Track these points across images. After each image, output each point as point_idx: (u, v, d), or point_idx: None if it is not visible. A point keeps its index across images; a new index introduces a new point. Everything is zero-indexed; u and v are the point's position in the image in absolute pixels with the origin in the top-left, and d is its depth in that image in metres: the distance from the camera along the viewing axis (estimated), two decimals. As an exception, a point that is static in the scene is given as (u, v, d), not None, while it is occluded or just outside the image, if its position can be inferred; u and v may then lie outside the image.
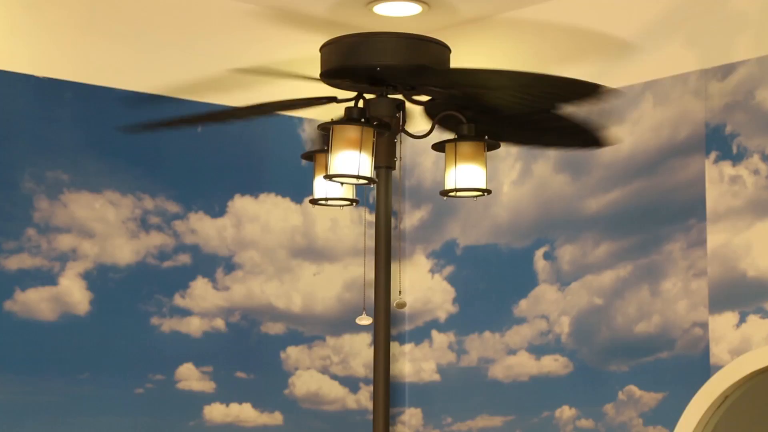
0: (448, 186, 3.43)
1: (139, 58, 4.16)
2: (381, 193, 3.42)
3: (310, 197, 3.58)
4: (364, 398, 4.59)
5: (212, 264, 4.31)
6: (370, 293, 3.90)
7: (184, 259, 4.26)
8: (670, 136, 3.95)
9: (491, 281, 4.48)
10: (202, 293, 4.28)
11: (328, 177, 3.26)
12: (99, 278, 4.07)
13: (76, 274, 4.02)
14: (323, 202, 3.57)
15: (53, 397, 3.94)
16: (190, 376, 4.23)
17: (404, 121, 3.43)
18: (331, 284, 4.57)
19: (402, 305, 4.49)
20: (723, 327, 3.76)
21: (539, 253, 4.33)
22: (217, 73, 4.23)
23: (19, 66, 3.92)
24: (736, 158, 3.77)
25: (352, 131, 3.21)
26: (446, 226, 4.62)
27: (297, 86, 3.64)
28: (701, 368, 3.80)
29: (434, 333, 4.61)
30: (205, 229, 4.31)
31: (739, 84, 3.78)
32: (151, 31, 4.19)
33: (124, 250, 4.12)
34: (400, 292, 4.51)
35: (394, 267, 4.43)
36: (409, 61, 3.32)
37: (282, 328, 4.45)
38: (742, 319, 3.72)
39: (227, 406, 4.29)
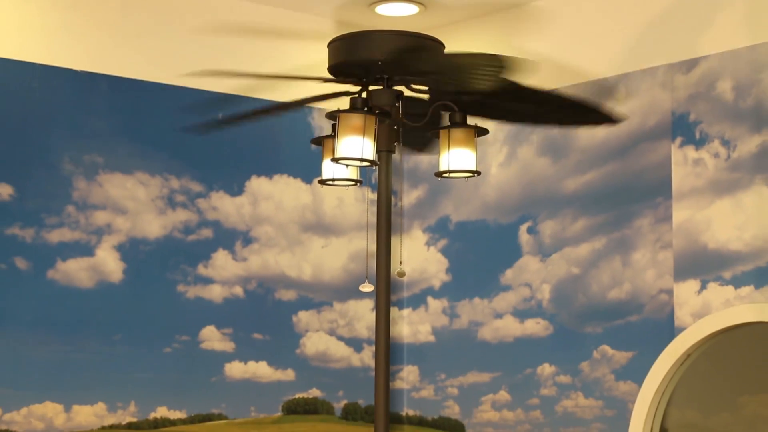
0: (442, 168, 3.46)
1: (164, 54, 4.15)
2: (382, 174, 3.45)
3: (319, 178, 3.61)
4: (367, 357, 4.61)
5: (231, 238, 4.32)
6: (372, 264, 3.94)
7: (207, 233, 4.26)
8: (641, 123, 3.94)
9: (480, 253, 4.48)
10: (222, 264, 4.28)
11: (335, 160, 3.28)
12: (131, 250, 4.07)
13: (110, 246, 4.02)
14: (330, 182, 3.60)
15: (90, 355, 3.95)
16: (212, 337, 4.24)
17: (403, 110, 3.43)
18: (338, 256, 4.57)
19: (401, 274, 4.53)
20: (686, 293, 3.77)
21: (523, 228, 4.33)
22: (236, 67, 4.19)
23: (60, 61, 3.90)
24: (699, 143, 3.76)
25: (357, 119, 3.24)
26: (440, 203, 4.63)
27: (307, 74, 3.64)
28: (666, 330, 3.81)
29: (429, 299, 4.63)
30: (225, 207, 4.31)
31: (701, 77, 3.76)
32: (174, 30, 4.18)
33: (153, 225, 4.13)
34: (399, 262, 4.58)
35: (394, 240, 4.48)
36: (407, 55, 3.32)
37: (294, 294, 4.46)
38: (703, 286, 3.72)
39: (245, 363, 4.31)
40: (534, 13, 4.26)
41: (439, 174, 3.48)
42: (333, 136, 3.33)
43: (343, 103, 3.44)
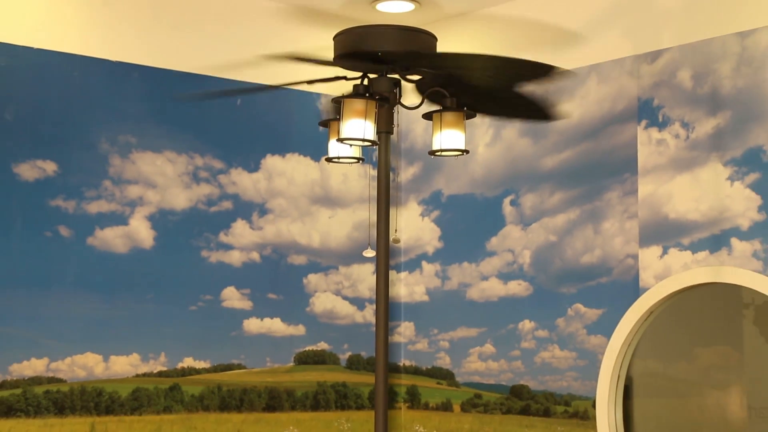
0: (435, 147, 3.47)
1: (188, 45, 4.13)
2: (382, 152, 3.44)
3: (326, 156, 3.61)
4: (368, 314, 4.61)
5: (249, 209, 4.31)
6: (373, 232, 3.97)
7: (227, 205, 4.25)
8: (610, 108, 3.93)
9: (469, 223, 4.47)
10: (241, 232, 4.28)
11: (340, 140, 3.30)
12: (160, 220, 4.07)
13: (142, 216, 4.03)
14: (336, 160, 3.60)
15: (125, 312, 3.96)
16: (232, 297, 4.24)
17: (400, 96, 3.44)
18: (343, 225, 4.56)
19: (398, 241, 4.60)
20: (649, 258, 3.78)
21: (507, 201, 4.32)
22: (251, 57, 4.16)
23: (97, 52, 3.89)
24: (662, 125, 3.76)
25: (359, 103, 3.25)
26: (433, 179, 4.62)
27: (315, 67, 3.64)
28: (632, 290, 3.82)
29: (424, 263, 4.62)
30: (243, 182, 4.30)
31: (664, 67, 3.76)
32: (198, 23, 4.16)
33: (180, 198, 4.13)
34: (396, 231, 4.63)
35: (393, 211, 4.50)
36: (404, 47, 3.31)
37: (304, 259, 4.45)
38: (665, 252, 3.74)
39: (261, 320, 4.31)
40: (516, 9, 4.24)
41: (432, 152, 3.48)
42: (338, 119, 3.33)
43: (347, 87, 3.41)
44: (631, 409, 4.01)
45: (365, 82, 3.38)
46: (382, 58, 3.33)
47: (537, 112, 3.71)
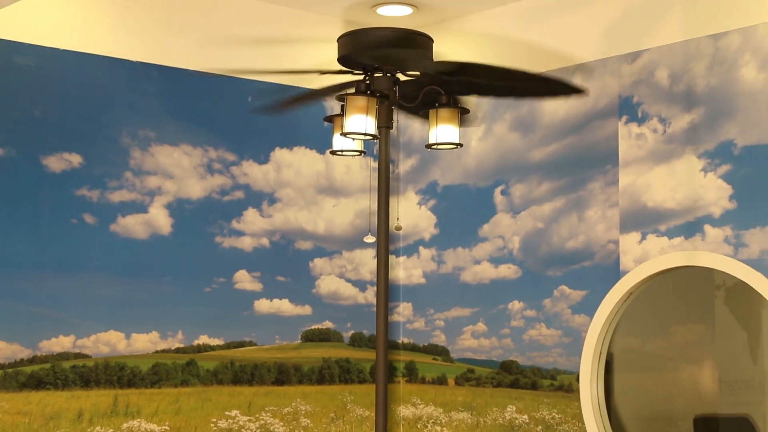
0: (431, 141, 3.48)
1: (202, 46, 4.10)
2: (382, 146, 3.45)
3: (330, 149, 3.62)
4: (369, 296, 4.60)
5: (259, 198, 4.30)
6: (374, 220, 3.96)
7: (239, 194, 4.24)
8: (593, 104, 3.92)
9: (462, 211, 4.46)
10: (252, 219, 4.27)
11: (344, 134, 3.30)
12: (177, 208, 4.06)
13: (161, 205, 4.02)
14: (340, 152, 3.62)
15: (145, 293, 3.97)
16: (244, 279, 4.23)
17: (399, 93, 3.43)
18: (346, 213, 4.54)
19: (398, 228, 4.61)
20: (629, 243, 3.77)
21: (497, 191, 4.31)
22: (261, 59, 4.21)
23: (119, 53, 3.89)
24: (641, 121, 3.76)
25: (361, 100, 3.25)
26: (430, 170, 4.61)
27: (320, 65, 3.66)
28: (613, 273, 3.81)
29: (421, 248, 4.61)
30: (254, 173, 4.29)
31: (643, 66, 3.76)
32: (211, 26, 4.15)
33: (195, 188, 4.12)
34: (398, 219, 4.66)
35: (392, 200, 4.49)
36: (402, 47, 3.31)
37: (310, 245, 4.44)
38: (643, 237, 3.73)
39: (271, 300, 4.30)
40: (507, 14, 4.23)
41: (429, 146, 3.49)
42: (342, 114, 3.33)
43: (350, 86, 3.43)
44: (612, 382, 4.00)
45: (366, 80, 3.36)
46: (382, 58, 3.31)
47: (549, 86, 3.65)
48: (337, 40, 3.37)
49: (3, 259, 3.65)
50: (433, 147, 3.50)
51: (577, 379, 3.92)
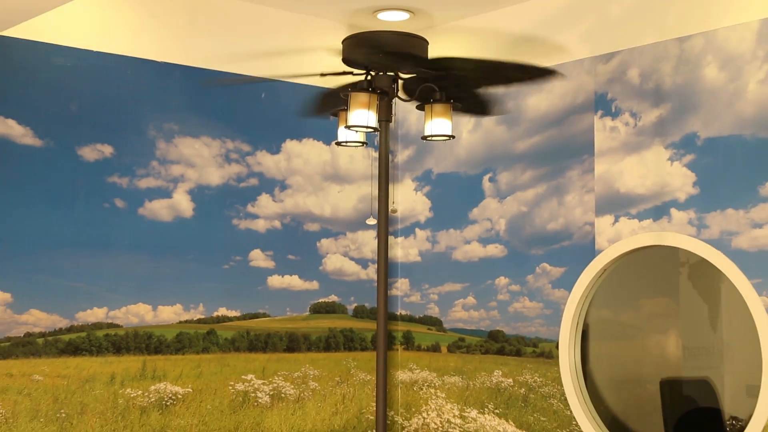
0: (427, 133, 3.48)
1: (220, 48, 4.08)
2: (382, 137, 3.44)
3: (336, 140, 3.63)
4: (371, 272, 4.60)
5: (272, 185, 4.29)
6: (375, 204, 3.93)
7: (253, 181, 4.23)
8: (572, 100, 3.92)
9: (454, 196, 4.45)
10: (265, 204, 4.26)
11: (348, 127, 3.31)
12: (198, 194, 4.07)
13: (183, 191, 4.03)
14: (344, 143, 3.62)
15: (169, 270, 3.96)
16: (258, 257, 4.23)
17: (398, 90, 3.44)
18: (350, 198, 4.54)
19: (395, 211, 4.65)
20: (604, 225, 3.77)
21: (486, 178, 4.31)
22: (273, 59, 4.19)
23: (145, 54, 3.89)
24: (614, 115, 3.75)
25: (363, 96, 3.26)
26: (425, 159, 4.60)
27: (325, 65, 3.64)
28: (589, 251, 3.82)
29: (417, 230, 4.61)
30: (267, 162, 4.28)
31: (616, 66, 3.75)
32: (229, 30, 4.13)
33: (215, 176, 4.12)
34: (393, 202, 4.67)
35: (391, 187, 4.56)
36: (400, 50, 3.31)
37: (317, 226, 4.44)
38: (616, 220, 3.73)
39: (282, 276, 4.30)
40: (495, 20, 4.22)
41: (425, 137, 3.49)
42: (346, 109, 3.33)
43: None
44: (588, 349, 4.00)
45: (368, 78, 3.36)
46: (383, 59, 3.30)
47: (484, 108, 3.75)
48: (342, 42, 3.38)
49: (43, 240, 3.65)
50: (428, 138, 3.50)
51: (557, 347, 3.92)
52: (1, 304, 3.55)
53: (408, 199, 4.67)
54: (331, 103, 3.70)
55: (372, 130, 3.31)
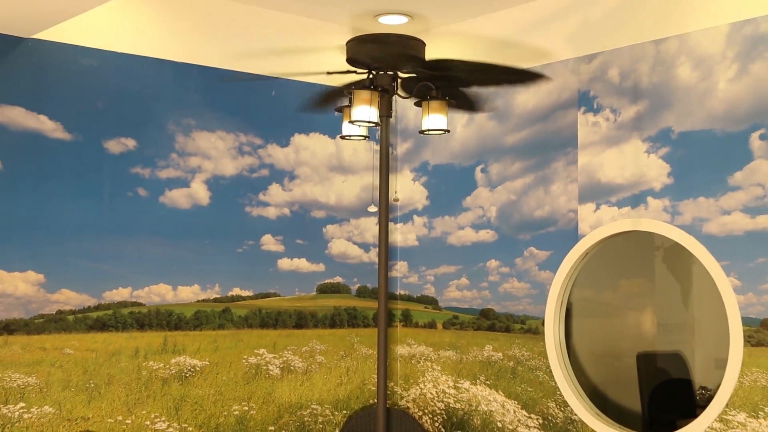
0: (424, 127, 3.48)
1: (234, 49, 3.93)
2: (383, 132, 3.45)
3: (340, 134, 3.63)
4: (373, 255, 4.59)
5: (281, 175, 4.29)
6: (376, 193, 3.96)
7: (265, 172, 4.23)
8: (557, 97, 3.91)
9: (449, 185, 4.44)
10: (275, 192, 4.26)
11: (351, 122, 3.32)
12: (214, 183, 4.07)
13: (201, 180, 4.03)
14: (348, 137, 3.62)
15: (188, 253, 3.97)
16: (269, 242, 4.22)
17: (397, 88, 3.44)
18: (353, 187, 4.54)
19: (397, 200, 4.67)
20: (586, 212, 3.77)
21: (478, 169, 4.29)
22: (282, 59, 4.13)
23: (165, 55, 3.89)
24: (596, 111, 3.75)
25: (366, 94, 3.28)
26: (422, 152, 4.59)
27: (331, 65, 3.68)
28: (573, 236, 3.82)
29: (415, 217, 4.60)
30: (277, 154, 4.27)
31: (598, 66, 3.75)
32: (242, 32, 4.00)
33: (229, 167, 4.12)
34: (396, 192, 4.69)
35: (391, 177, 4.53)
36: (399, 51, 3.31)
37: (323, 213, 4.43)
38: (597, 207, 3.73)
39: (291, 259, 4.30)
40: (487, 23, 4.07)
41: (422, 131, 3.50)
42: (350, 105, 3.35)
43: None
44: (571, 326, 4.02)
45: (370, 77, 3.39)
46: (383, 58, 3.28)
47: (475, 106, 3.74)
48: (346, 44, 3.38)
49: (73, 225, 3.66)
50: (425, 132, 3.50)
51: (543, 324, 3.93)
52: (35, 284, 3.57)
53: (406, 188, 4.66)
54: (332, 100, 3.70)
55: (374, 124, 3.31)
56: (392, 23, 4.29)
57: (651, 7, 3.40)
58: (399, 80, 3.45)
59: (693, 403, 4.61)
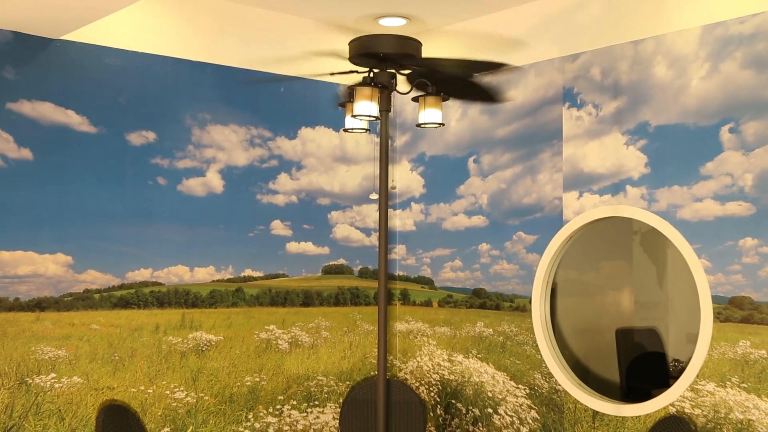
0: (421, 121, 3.45)
1: (246, 49, 3.98)
2: (383, 125, 3.42)
3: (343, 128, 3.61)
4: (374, 239, 4.58)
5: (289, 165, 4.28)
6: (377, 182, 4.00)
7: (274, 162, 4.22)
8: (544, 93, 3.91)
9: (444, 175, 4.43)
10: (284, 181, 4.26)
11: (354, 116, 3.29)
12: (228, 173, 4.06)
13: (215, 170, 4.03)
14: (351, 130, 3.60)
15: (204, 237, 3.96)
16: (278, 227, 4.23)
17: (396, 85, 3.42)
18: (356, 176, 4.53)
19: (394, 188, 4.68)
20: (570, 199, 3.77)
21: (471, 159, 4.29)
22: (291, 58, 4.14)
23: (182, 54, 3.89)
24: (579, 106, 3.75)
25: (367, 90, 3.26)
26: (419, 144, 4.58)
27: (335, 66, 3.73)
28: (558, 222, 3.82)
29: (412, 204, 4.60)
30: (285, 146, 4.27)
31: (581, 65, 3.75)
32: (253, 33, 3.99)
33: (241, 157, 4.11)
34: (393, 180, 4.71)
35: (390, 167, 4.53)
36: (398, 50, 3.28)
37: (328, 200, 4.43)
38: (580, 195, 3.73)
39: (299, 243, 4.30)
40: (479, 25, 4.07)
41: (419, 125, 3.47)
42: (352, 101, 3.34)
43: (358, 79, 3.44)
44: (556, 304, 4.04)
45: (371, 75, 3.36)
46: (383, 57, 3.26)
47: (490, 97, 3.75)
48: (348, 44, 3.37)
49: (98, 212, 3.67)
50: (422, 126, 3.49)
51: (530, 302, 3.94)
52: (64, 265, 3.59)
53: (405, 177, 4.66)
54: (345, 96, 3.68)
55: (374, 118, 3.30)
56: (391, 25, 4.25)
57: (630, 11, 3.41)
58: (397, 77, 3.45)
59: (666, 374, 4.67)
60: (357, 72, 3.42)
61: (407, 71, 3.46)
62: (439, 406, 4.37)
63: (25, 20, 3.22)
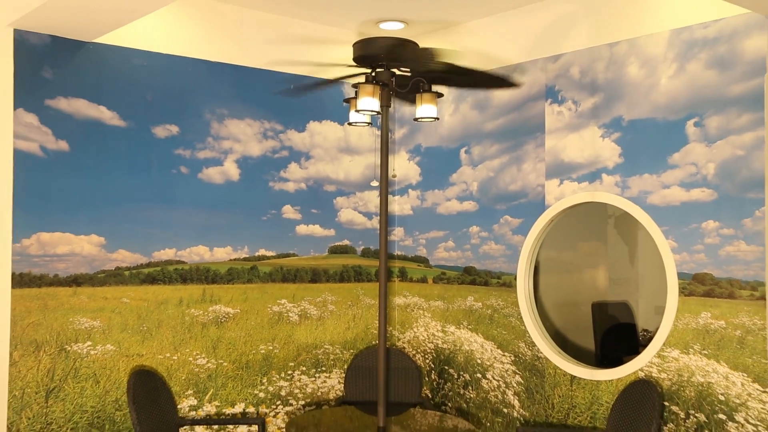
0: (418, 116, 3.49)
1: (260, 50, 4.02)
2: (383, 119, 3.43)
3: (348, 122, 3.65)
4: (375, 222, 4.59)
5: (299, 155, 4.27)
6: (377, 171, 4.03)
7: (285, 153, 4.21)
8: (528, 90, 3.89)
9: (438, 164, 4.41)
10: (294, 170, 4.25)
11: (357, 111, 3.32)
12: (244, 162, 4.05)
13: (232, 160, 4.01)
14: (354, 124, 3.64)
15: (222, 220, 3.95)
16: (289, 211, 4.22)
17: (395, 82, 3.44)
18: (359, 166, 4.52)
19: (394, 176, 4.70)
20: (552, 187, 3.76)
21: (462, 150, 4.27)
22: (301, 58, 4.15)
23: (202, 55, 3.89)
24: (560, 102, 3.73)
25: (369, 87, 3.31)
26: (416, 136, 4.57)
27: (340, 62, 3.77)
28: (541, 206, 3.82)
29: (410, 190, 4.60)
30: (295, 138, 4.25)
31: (562, 64, 3.73)
32: (267, 36, 4.06)
33: (255, 149, 4.10)
34: (394, 169, 4.74)
35: (390, 157, 4.51)
36: (397, 51, 3.29)
37: (334, 187, 4.42)
38: (561, 182, 3.72)
39: (307, 225, 4.30)
40: (471, 28, 4.18)
41: (416, 119, 3.51)
42: (355, 97, 3.36)
43: (360, 78, 3.52)
44: (539, 280, 4.11)
45: (373, 73, 3.39)
46: (383, 58, 3.28)
47: (499, 83, 3.72)
48: (353, 46, 3.40)
49: (128, 198, 3.67)
50: (418, 120, 3.50)
51: (515, 279, 3.94)
52: (98, 245, 3.60)
53: (403, 166, 4.65)
54: (317, 88, 3.62)
55: (375, 113, 3.31)
56: (391, 29, 4.33)
57: (606, 16, 3.44)
58: (397, 76, 3.46)
59: (637, 343, 4.73)
60: (362, 73, 3.45)
61: (405, 70, 3.49)
62: (433, 371, 4.39)
63: (62, 25, 3.25)
